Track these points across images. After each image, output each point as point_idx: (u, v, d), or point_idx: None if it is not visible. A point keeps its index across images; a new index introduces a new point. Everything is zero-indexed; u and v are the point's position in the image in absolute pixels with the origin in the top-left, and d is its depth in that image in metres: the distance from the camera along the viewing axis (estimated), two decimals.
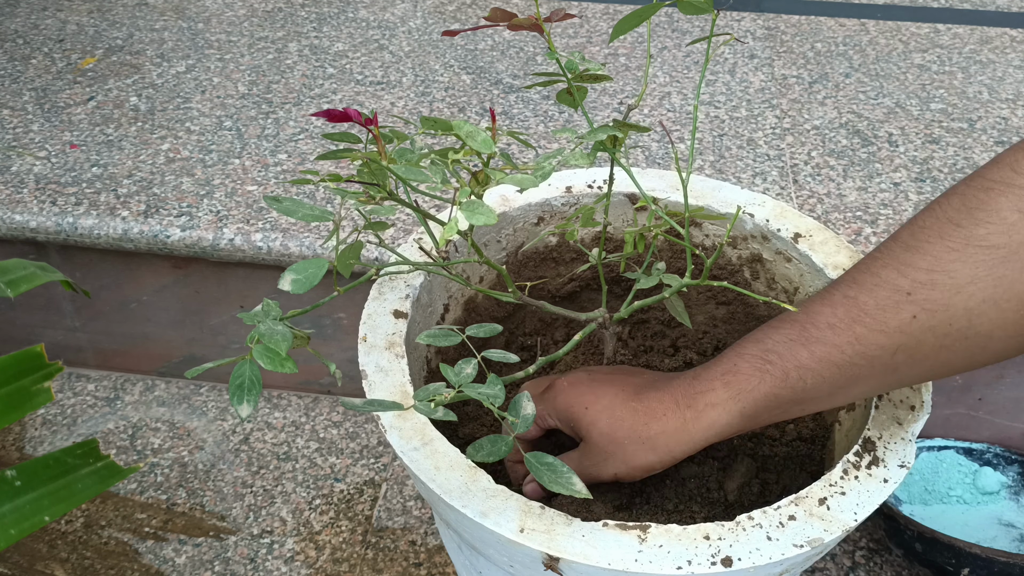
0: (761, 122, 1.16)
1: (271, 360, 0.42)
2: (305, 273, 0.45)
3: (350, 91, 1.21)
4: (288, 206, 0.48)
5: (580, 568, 0.49)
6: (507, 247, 0.75)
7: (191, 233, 0.96)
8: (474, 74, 1.26)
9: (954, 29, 1.39)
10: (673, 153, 0.59)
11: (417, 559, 0.88)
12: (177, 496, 0.96)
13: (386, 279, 0.66)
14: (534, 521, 0.50)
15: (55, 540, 0.92)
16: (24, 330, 1.11)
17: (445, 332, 0.56)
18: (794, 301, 0.71)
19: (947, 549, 0.79)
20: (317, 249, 0.94)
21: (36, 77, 1.24)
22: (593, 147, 0.53)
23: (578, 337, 0.61)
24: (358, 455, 1.00)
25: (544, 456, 0.51)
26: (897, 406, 0.57)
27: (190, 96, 1.20)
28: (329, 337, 1.04)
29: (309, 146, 1.10)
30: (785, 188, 1.03)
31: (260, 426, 1.04)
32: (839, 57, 1.32)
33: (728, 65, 1.29)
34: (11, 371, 0.68)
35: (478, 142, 0.46)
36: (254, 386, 0.43)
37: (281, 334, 0.44)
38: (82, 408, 1.07)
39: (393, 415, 0.56)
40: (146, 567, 0.89)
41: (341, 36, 1.36)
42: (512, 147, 1.09)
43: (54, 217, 0.98)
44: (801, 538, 0.49)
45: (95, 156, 1.08)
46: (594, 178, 0.76)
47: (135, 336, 1.09)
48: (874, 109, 1.19)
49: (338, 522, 0.93)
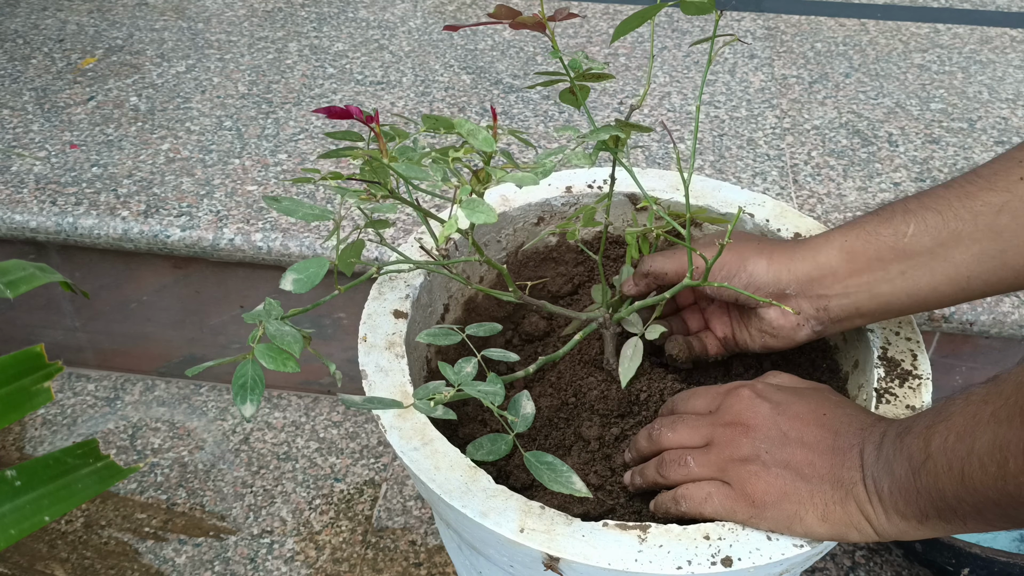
0: (761, 122, 1.16)
1: (273, 360, 0.42)
2: (306, 273, 0.45)
3: (350, 91, 1.21)
4: (288, 206, 0.48)
5: (580, 568, 0.49)
6: (507, 247, 0.75)
7: (191, 233, 0.96)
8: (474, 74, 1.26)
9: (954, 29, 1.39)
10: (674, 153, 0.59)
11: (417, 559, 0.88)
12: (177, 496, 0.96)
13: (386, 279, 0.66)
14: (534, 521, 0.50)
15: (55, 540, 0.92)
16: (24, 330, 1.11)
17: (445, 331, 0.56)
18: None
19: (947, 549, 0.79)
20: (317, 249, 0.94)
21: (36, 77, 1.24)
22: (595, 147, 0.53)
23: (578, 337, 0.61)
24: (358, 455, 1.00)
25: (544, 455, 0.51)
26: (897, 406, 0.57)
27: (190, 96, 1.20)
28: (329, 337, 1.04)
29: (309, 146, 1.10)
30: (785, 188, 1.03)
31: (260, 426, 1.04)
32: (839, 57, 1.32)
33: (728, 65, 1.29)
34: (11, 371, 0.68)
35: (479, 140, 0.46)
36: (257, 385, 0.42)
37: (292, 335, 0.44)
38: (82, 408, 1.07)
39: (393, 415, 0.56)
40: (146, 567, 0.89)
41: (341, 36, 1.35)
42: (512, 146, 1.09)
43: (54, 217, 0.98)
44: (801, 538, 0.49)
45: (95, 156, 1.08)
46: (594, 178, 0.76)
47: (135, 336, 1.09)
48: (874, 109, 1.19)
49: (338, 522, 0.93)
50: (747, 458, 0.50)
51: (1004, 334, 0.88)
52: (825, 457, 0.49)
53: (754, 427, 0.51)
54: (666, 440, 0.55)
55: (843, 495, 0.48)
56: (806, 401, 0.52)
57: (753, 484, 0.49)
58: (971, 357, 0.93)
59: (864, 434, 0.49)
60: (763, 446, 0.50)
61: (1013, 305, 0.88)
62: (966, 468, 0.41)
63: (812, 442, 0.49)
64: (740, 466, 0.50)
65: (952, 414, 0.44)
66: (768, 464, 0.49)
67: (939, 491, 0.43)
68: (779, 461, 0.49)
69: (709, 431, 0.53)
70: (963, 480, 0.41)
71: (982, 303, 0.88)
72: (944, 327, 0.89)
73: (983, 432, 0.40)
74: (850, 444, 0.49)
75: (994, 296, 0.57)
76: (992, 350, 0.92)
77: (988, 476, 0.40)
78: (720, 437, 0.52)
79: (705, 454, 0.52)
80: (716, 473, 0.51)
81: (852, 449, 0.48)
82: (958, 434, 0.42)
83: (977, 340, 0.91)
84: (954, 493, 0.42)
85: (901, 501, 0.45)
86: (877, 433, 0.48)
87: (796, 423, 0.50)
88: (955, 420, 0.43)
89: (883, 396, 0.57)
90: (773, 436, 0.50)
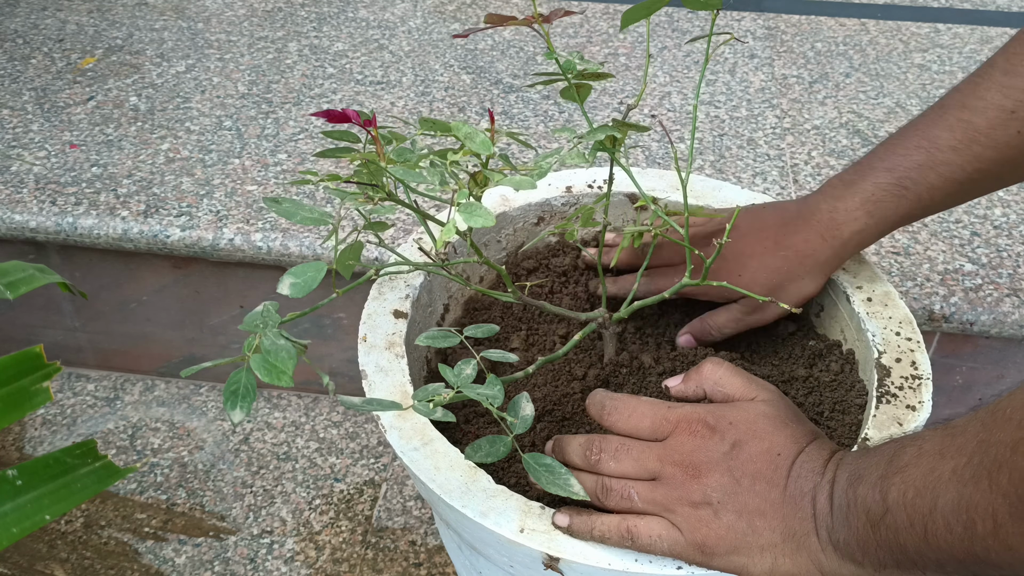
0: (761, 122, 1.16)
1: (268, 373, 0.42)
2: (304, 277, 0.45)
3: (350, 91, 1.21)
4: (287, 208, 0.48)
5: (580, 568, 0.49)
6: (507, 247, 0.75)
7: (191, 233, 0.96)
8: (474, 74, 1.26)
9: (954, 29, 1.39)
10: (673, 153, 0.59)
11: (417, 559, 0.88)
12: (177, 496, 0.96)
13: (386, 279, 0.66)
14: (534, 521, 0.50)
15: (55, 540, 0.92)
16: (24, 330, 1.11)
17: (444, 333, 0.56)
18: None
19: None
20: (317, 249, 0.94)
21: (36, 77, 1.24)
22: (592, 147, 0.53)
23: (578, 337, 0.61)
24: (358, 455, 1.00)
25: (542, 457, 0.51)
26: (897, 406, 0.57)
27: (190, 96, 1.20)
28: (329, 337, 1.04)
29: (309, 146, 1.10)
30: (785, 188, 1.03)
31: (260, 426, 1.04)
32: (839, 57, 1.32)
33: (728, 65, 1.29)
34: (10, 371, 0.68)
35: (477, 143, 0.46)
36: (248, 393, 0.42)
37: (286, 350, 0.43)
38: (82, 408, 1.07)
39: (393, 415, 0.56)
40: (146, 567, 0.89)
41: (341, 36, 1.35)
42: (512, 147, 1.09)
43: (54, 217, 0.98)
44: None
45: (95, 156, 1.08)
46: (594, 178, 0.76)
47: (135, 336, 1.09)
48: (874, 109, 1.19)
49: (338, 522, 0.93)
50: (696, 503, 0.48)
51: (1004, 334, 0.88)
52: (776, 508, 0.47)
53: (705, 472, 0.48)
54: (607, 469, 0.51)
55: (795, 547, 0.47)
56: (759, 438, 0.49)
57: (704, 533, 0.47)
58: (971, 357, 0.93)
59: (816, 479, 0.47)
60: (714, 494, 0.48)
61: (1013, 305, 0.88)
62: (929, 526, 0.40)
63: (763, 490, 0.48)
64: (689, 510, 0.48)
65: (906, 465, 0.42)
66: (719, 511, 0.48)
67: (900, 545, 0.42)
68: (730, 508, 0.47)
69: (656, 466, 0.50)
70: (926, 537, 0.40)
71: (982, 303, 0.88)
72: (944, 327, 0.89)
73: (945, 490, 0.39)
74: (802, 491, 0.47)
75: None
76: (992, 350, 0.92)
77: (954, 536, 0.39)
78: (669, 475, 0.49)
79: (651, 490, 0.49)
80: (661, 511, 0.49)
81: (804, 497, 0.47)
82: (917, 489, 0.41)
83: (977, 340, 0.91)
84: (916, 548, 0.41)
85: (858, 552, 0.44)
86: (827, 480, 0.47)
87: (749, 467, 0.48)
88: (911, 472, 0.42)
89: (883, 397, 0.57)
90: (725, 483, 0.48)
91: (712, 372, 0.53)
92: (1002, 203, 1.01)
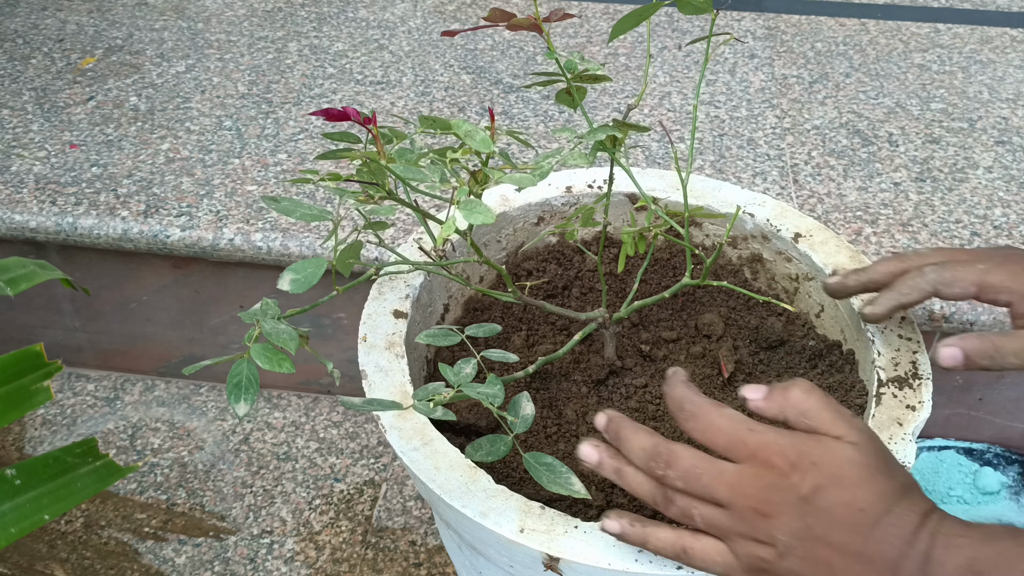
0: (761, 122, 1.16)
1: (269, 360, 0.42)
2: (304, 273, 0.45)
3: (350, 91, 1.21)
4: (286, 206, 0.48)
5: (580, 568, 0.49)
6: (507, 247, 0.75)
7: (191, 233, 0.96)
8: (474, 74, 1.26)
9: (954, 29, 1.39)
10: (673, 153, 0.59)
11: (417, 559, 0.88)
12: (177, 496, 0.96)
13: (386, 279, 0.66)
14: (534, 521, 0.50)
15: (55, 540, 0.92)
16: (24, 330, 1.11)
17: (444, 332, 0.56)
18: (794, 302, 0.71)
19: None
20: (317, 249, 0.94)
21: (36, 77, 1.24)
22: (592, 147, 0.53)
23: (578, 337, 0.61)
24: (358, 455, 1.00)
25: (543, 456, 0.51)
26: (897, 406, 0.57)
27: (190, 96, 1.20)
28: (329, 337, 1.04)
29: (309, 146, 1.10)
30: (785, 188, 1.03)
31: (260, 426, 1.04)
32: (839, 57, 1.32)
33: (728, 65, 1.29)
34: (10, 370, 0.68)
35: (477, 141, 0.46)
36: (251, 385, 0.42)
37: (288, 333, 0.44)
38: (82, 408, 1.07)
39: (393, 415, 0.56)
40: (146, 567, 0.89)
41: (341, 36, 1.35)
42: (512, 147, 1.09)
43: (54, 217, 0.98)
44: None
45: (95, 156, 1.08)
46: (594, 178, 0.76)
47: (135, 336, 1.09)
48: (874, 109, 1.19)
49: (338, 522, 0.93)
50: (762, 541, 0.46)
51: None
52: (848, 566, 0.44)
53: (777, 513, 0.45)
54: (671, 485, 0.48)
55: None
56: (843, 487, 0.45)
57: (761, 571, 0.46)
58: None
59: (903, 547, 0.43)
60: (782, 537, 0.45)
61: None
62: None
63: (838, 543, 0.44)
64: (752, 544, 0.46)
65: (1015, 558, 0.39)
66: (784, 555, 0.45)
67: None
68: (796, 554, 0.45)
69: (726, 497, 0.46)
70: None
71: (982, 303, 0.87)
72: (944, 327, 0.88)
73: None
74: (883, 556, 0.44)
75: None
76: None
77: None
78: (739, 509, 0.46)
79: (715, 515, 0.47)
80: (719, 534, 0.47)
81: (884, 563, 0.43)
82: None
83: None
84: None
85: None
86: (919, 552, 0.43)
87: (825, 517, 0.44)
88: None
89: (883, 397, 0.57)
90: (796, 528, 0.45)
91: (801, 401, 0.47)
92: (1002, 203, 1.01)
